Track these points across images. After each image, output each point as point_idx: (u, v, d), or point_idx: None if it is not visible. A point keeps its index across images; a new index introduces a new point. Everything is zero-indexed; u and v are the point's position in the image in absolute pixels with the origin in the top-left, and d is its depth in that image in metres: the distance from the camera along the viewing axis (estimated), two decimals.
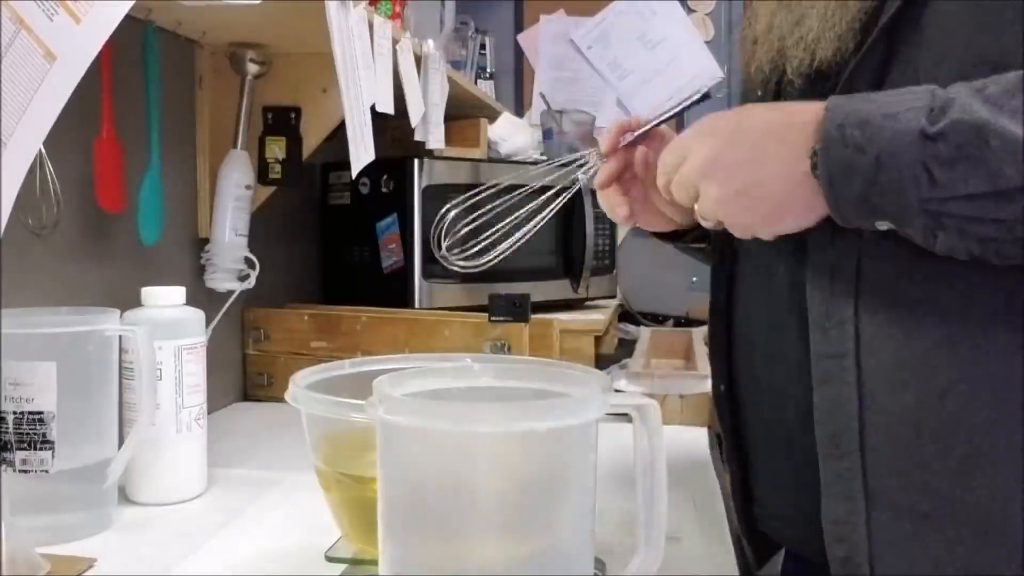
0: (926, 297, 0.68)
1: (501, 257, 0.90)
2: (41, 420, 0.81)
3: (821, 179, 0.66)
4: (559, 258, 1.77)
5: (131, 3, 0.75)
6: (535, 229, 0.89)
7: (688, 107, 0.87)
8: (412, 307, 1.50)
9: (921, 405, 0.69)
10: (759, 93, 0.86)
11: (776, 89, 0.83)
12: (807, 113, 0.68)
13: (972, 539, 0.68)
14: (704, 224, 0.75)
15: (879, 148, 0.63)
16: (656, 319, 2.26)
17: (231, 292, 1.26)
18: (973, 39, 0.68)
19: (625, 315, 2.18)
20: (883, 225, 0.66)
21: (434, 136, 1.50)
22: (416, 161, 1.51)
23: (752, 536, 0.92)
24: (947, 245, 0.64)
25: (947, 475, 0.68)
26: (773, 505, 0.85)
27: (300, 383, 0.74)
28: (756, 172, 0.69)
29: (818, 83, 0.75)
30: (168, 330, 0.92)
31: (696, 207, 0.73)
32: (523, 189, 0.93)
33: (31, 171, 0.84)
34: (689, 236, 0.96)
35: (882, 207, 0.64)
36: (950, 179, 0.61)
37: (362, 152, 1.16)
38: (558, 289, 1.76)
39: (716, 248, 0.90)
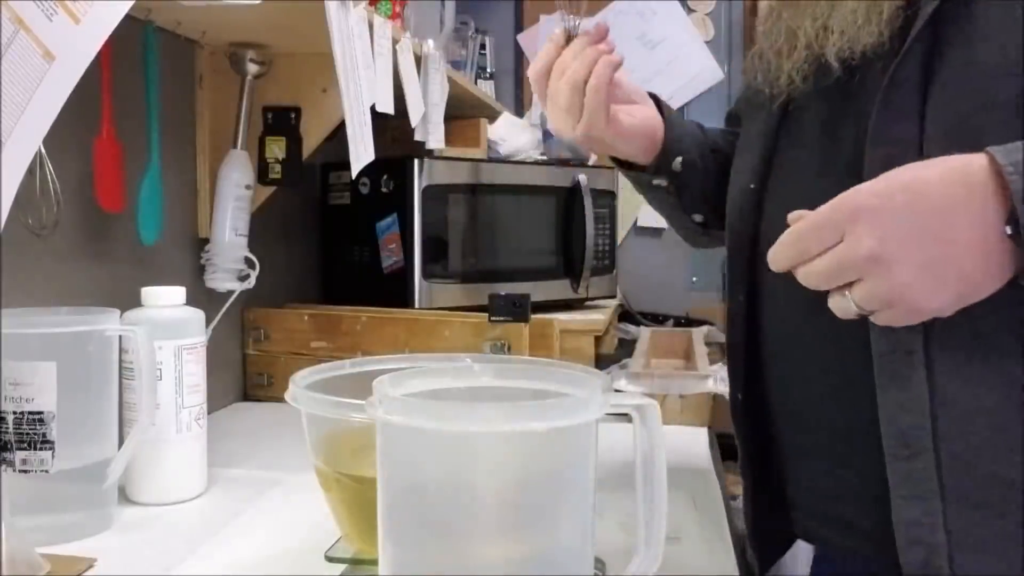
0: None
1: None
2: (41, 420, 0.81)
3: None
4: (559, 258, 1.77)
5: (130, 3, 0.75)
6: None
7: None
8: (412, 307, 1.50)
9: (999, 398, 0.67)
10: (761, 108, 0.85)
11: (785, 104, 0.82)
12: (975, 171, 0.62)
13: None
14: (842, 316, 0.65)
15: None
16: (656, 319, 2.25)
17: (231, 292, 1.26)
18: None
19: (625, 315, 2.18)
20: None
21: (434, 136, 1.50)
22: (416, 161, 1.51)
23: (757, 540, 0.91)
24: None
25: None
26: (823, 513, 0.81)
27: (300, 383, 0.74)
28: (947, 247, 0.61)
29: (857, 73, 0.74)
30: (168, 330, 0.92)
31: (850, 295, 0.64)
32: None
33: (31, 171, 0.85)
34: (648, 172, 0.96)
35: None
36: None
37: (362, 152, 1.16)
38: (558, 289, 1.76)
39: (733, 249, 0.87)
